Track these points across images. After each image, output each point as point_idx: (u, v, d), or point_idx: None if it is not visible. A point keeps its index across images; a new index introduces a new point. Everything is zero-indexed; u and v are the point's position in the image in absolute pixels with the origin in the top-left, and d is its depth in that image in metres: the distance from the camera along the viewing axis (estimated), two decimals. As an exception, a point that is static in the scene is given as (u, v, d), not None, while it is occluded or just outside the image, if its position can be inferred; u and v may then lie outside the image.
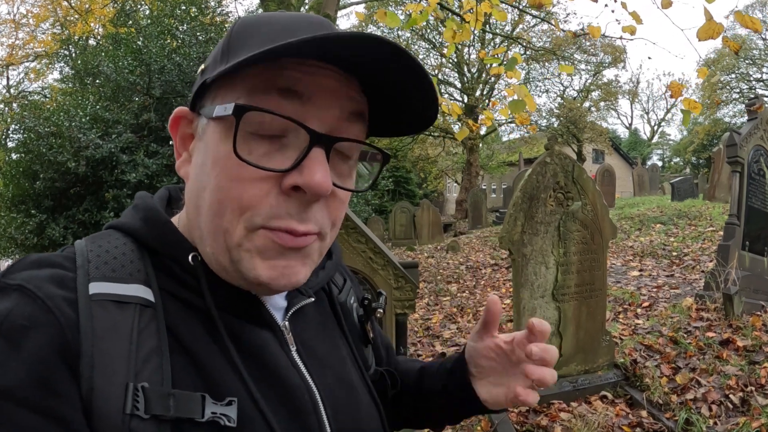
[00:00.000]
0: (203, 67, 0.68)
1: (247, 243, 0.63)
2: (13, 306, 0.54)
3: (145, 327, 0.60)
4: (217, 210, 0.62)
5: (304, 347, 0.76)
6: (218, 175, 0.62)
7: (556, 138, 4.41)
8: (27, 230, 8.00)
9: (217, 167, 0.62)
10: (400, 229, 17.02)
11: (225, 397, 0.61)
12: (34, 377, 0.52)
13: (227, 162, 0.61)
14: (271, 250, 0.63)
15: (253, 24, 0.66)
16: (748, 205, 5.33)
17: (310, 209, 0.63)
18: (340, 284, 0.94)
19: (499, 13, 4.52)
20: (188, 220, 0.70)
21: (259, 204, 0.61)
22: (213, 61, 0.67)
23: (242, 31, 0.65)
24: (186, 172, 0.69)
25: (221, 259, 0.65)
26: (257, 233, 0.62)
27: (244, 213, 0.61)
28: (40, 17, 20.75)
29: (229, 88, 0.63)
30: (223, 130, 0.62)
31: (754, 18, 3.20)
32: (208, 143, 0.64)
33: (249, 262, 0.63)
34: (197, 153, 0.67)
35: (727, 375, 3.94)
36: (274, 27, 0.64)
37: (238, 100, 0.61)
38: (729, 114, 37.97)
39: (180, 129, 0.70)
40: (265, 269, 0.64)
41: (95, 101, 8.85)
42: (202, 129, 0.66)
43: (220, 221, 0.63)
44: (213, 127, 0.64)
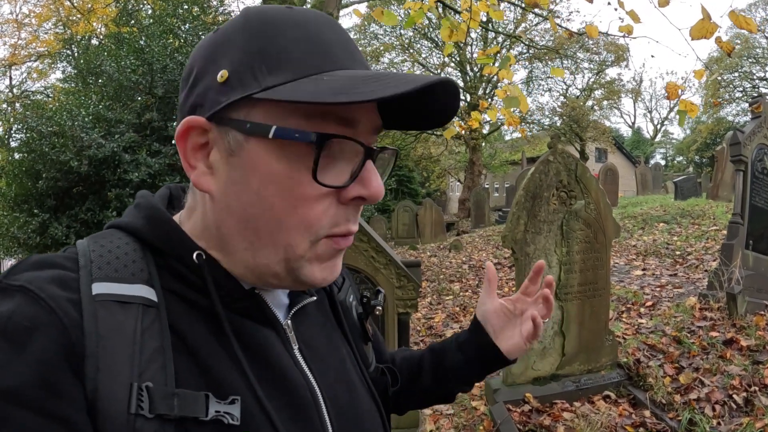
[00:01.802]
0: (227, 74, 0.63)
1: (310, 253, 0.67)
2: (16, 307, 0.54)
3: (148, 327, 0.60)
4: (277, 227, 0.64)
5: (306, 346, 0.77)
6: (275, 195, 0.63)
7: (559, 136, 4.40)
8: (30, 229, 8.02)
9: (274, 186, 0.63)
10: (402, 228, 17.00)
11: (228, 395, 0.62)
12: (38, 378, 0.52)
13: (287, 182, 0.62)
14: (329, 255, 0.69)
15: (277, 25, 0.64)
16: (751, 204, 5.31)
17: (359, 212, 0.70)
18: (339, 283, 0.96)
19: (495, 13, 4.52)
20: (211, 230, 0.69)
21: (323, 218, 0.65)
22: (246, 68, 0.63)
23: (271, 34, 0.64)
24: (210, 186, 0.66)
25: (277, 270, 0.67)
26: (320, 243, 0.67)
27: (310, 229, 0.65)
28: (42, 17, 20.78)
29: (277, 108, 0.62)
30: (278, 149, 0.62)
31: (749, 18, 3.17)
32: (252, 161, 0.63)
33: (308, 269, 0.68)
34: (228, 168, 0.65)
35: (731, 375, 3.92)
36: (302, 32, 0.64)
37: (295, 123, 0.62)
38: (732, 113, 37.91)
39: (190, 139, 0.67)
40: (321, 271, 0.69)
41: (98, 101, 8.88)
42: (237, 144, 0.63)
43: (284, 236, 0.65)
44: (260, 145, 0.62)
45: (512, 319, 1.04)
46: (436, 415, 4.06)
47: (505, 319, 1.04)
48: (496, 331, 1.04)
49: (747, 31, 3.24)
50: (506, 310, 1.05)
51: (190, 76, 0.68)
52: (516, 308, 1.04)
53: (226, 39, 0.66)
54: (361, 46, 26.23)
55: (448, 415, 4.04)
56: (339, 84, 0.59)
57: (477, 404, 4.15)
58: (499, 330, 1.04)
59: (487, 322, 1.05)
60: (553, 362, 4.09)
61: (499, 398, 3.90)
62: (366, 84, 0.59)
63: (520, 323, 1.03)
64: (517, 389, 3.97)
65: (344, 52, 0.66)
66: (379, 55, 26.55)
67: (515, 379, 4.01)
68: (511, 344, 1.03)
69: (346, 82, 0.59)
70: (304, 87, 0.59)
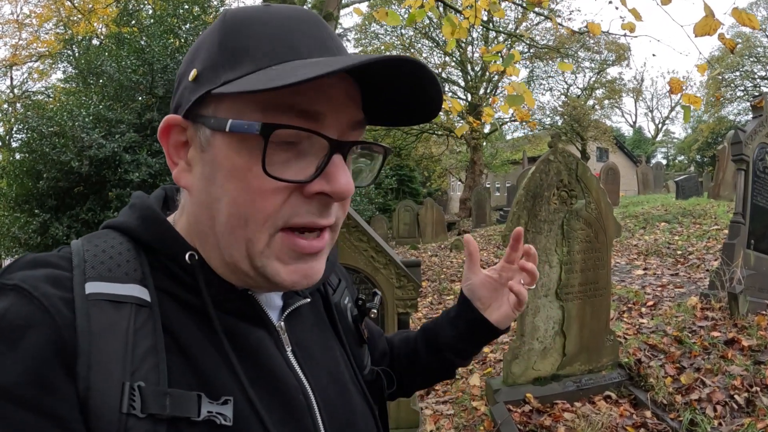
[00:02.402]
0: (197, 73, 0.65)
1: (269, 250, 0.65)
2: (10, 306, 0.55)
3: (141, 326, 0.60)
4: (238, 222, 0.64)
5: (300, 348, 0.76)
6: (236, 189, 0.63)
7: (560, 135, 4.39)
8: (30, 230, 8.03)
9: (235, 180, 0.63)
10: (403, 228, 17.00)
11: (221, 396, 0.62)
12: (31, 376, 0.52)
13: (247, 175, 0.62)
14: (290, 256, 0.66)
15: (247, 23, 0.65)
16: (753, 203, 5.30)
17: (331, 207, 0.67)
18: (334, 285, 0.96)
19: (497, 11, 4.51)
20: (194, 225, 0.69)
21: (280, 209, 0.63)
22: (211, 66, 0.64)
23: (238, 32, 0.64)
24: (188, 182, 0.68)
25: (243, 267, 0.66)
26: (275, 238, 0.65)
27: (267, 222, 0.63)
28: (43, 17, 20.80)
29: (236, 101, 0.62)
30: (237, 143, 0.62)
31: (752, 15, 3.15)
32: (217, 156, 0.64)
33: (272, 267, 0.65)
34: (201, 164, 0.66)
35: (732, 375, 3.91)
36: (271, 29, 0.64)
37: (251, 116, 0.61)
38: (733, 112, 37.83)
39: (171, 137, 0.69)
40: (288, 274, 0.66)
41: (98, 101, 8.88)
42: (206, 140, 0.65)
43: (243, 232, 0.64)
44: (222, 140, 0.63)
45: (499, 288, 1.04)
46: (437, 416, 4.05)
47: (492, 289, 1.04)
48: (485, 304, 1.04)
49: (750, 27, 3.22)
50: (492, 281, 1.04)
51: (177, 79, 0.71)
52: (502, 277, 1.04)
53: (203, 40, 0.68)
54: (362, 45, 26.26)
55: (449, 416, 4.04)
56: (278, 72, 0.59)
57: (477, 404, 4.14)
58: (488, 302, 1.04)
59: (475, 295, 1.05)
60: (554, 362, 4.08)
61: (500, 398, 3.89)
62: (304, 68, 0.57)
63: (507, 292, 1.03)
64: (518, 389, 3.97)
65: (315, 43, 0.65)
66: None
67: (516, 379, 4.01)
68: (500, 314, 1.03)
69: (289, 69, 0.59)
70: (251, 79, 0.59)
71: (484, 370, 4.90)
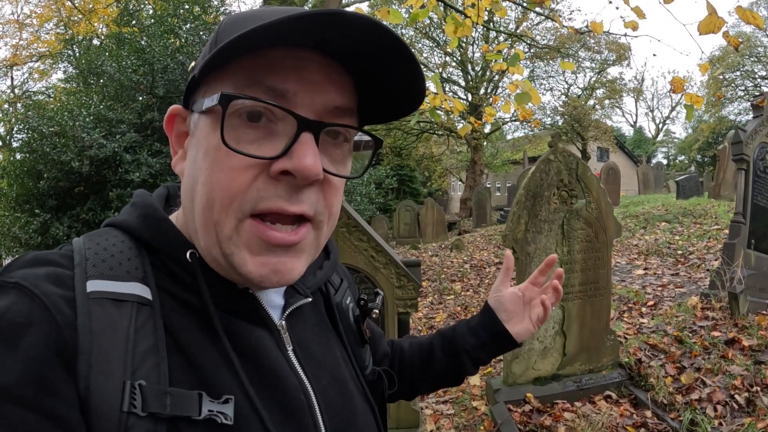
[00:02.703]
0: (193, 65, 0.68)
1: (236, 236, 0.63)
2: (11, 304, 0.55)
3: (142, 325, 0.60)
4: (206, 203, 0.63)
5: (301, 348, 0.76)
6: (209, 167, 0.63)
7: (560, 135, 4.39)
8: (31, 229, 8.04)
9: (208, 159, 0.63)
10: (404, 228, 17.00)
11: (221, 395, 0.62)
12: (31, 375, 0.52)
13: (217, 153, 0.62)
14: (258, 246, 0.64)
15: (240, 19, 0.65)
16: (753, 203, 5.30)
17: (302, 193, 0.63)
18: (336, 284, 0.95)
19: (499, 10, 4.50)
20: (185, 217, 0.70)
21: (247, 190, 0.61)
22: (202, 56, 0.66)
23: (229, 26, 0.65)
24: (181, 169, 0.69)
25: (214, 253, 0.65)
26: (244, 225, 0.63)
27: (232, 203, 0.62)
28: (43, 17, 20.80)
29: (217, 82, 0.64)
30: (212, 122, 0.63)
31: (756, 13, 3.15)
32: (199, 137, 0.65)
33: (239, 257, 0.63)
34: (191, 149, 0.68)
35: (733, 375, 3.91)
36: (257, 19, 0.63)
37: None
38: (734, 111, 37.81)
39: (175, 127, 0.71)
40: (255, 266, 0.64)
41: (99, 101, 8.88)
42: (194, 124, 0.67)
43: (211, 214, 0.63)
44: (203, 121, 0.65)
45: (521, 305, 1.11)
46: (437, 415, 4.05)
47: (517, 304, 1.11)
48: (508, 317, 1.10)
49: (754, 26, 3.21)
50: (518, 297, 1.11)
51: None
52: (525, 296, 1.11)
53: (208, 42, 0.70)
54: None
55: (449, 415, 4.04)
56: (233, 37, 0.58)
57: (478, 404, 4.14)
58: (511, 315, 1.10)
59: (501, 307, 1.11)
60: (554, 362, 4.08)
61: (500, 398, 3.89)
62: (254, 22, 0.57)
63: (528, 309, 1.11)
64: (518, 389, 3.96)
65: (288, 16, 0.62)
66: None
67: (516, 379, 4.01)
68: (520, 328, 1.09)
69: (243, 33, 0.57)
70: None
71: (484, 369, 4.90)
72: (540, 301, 1.10)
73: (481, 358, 1.11)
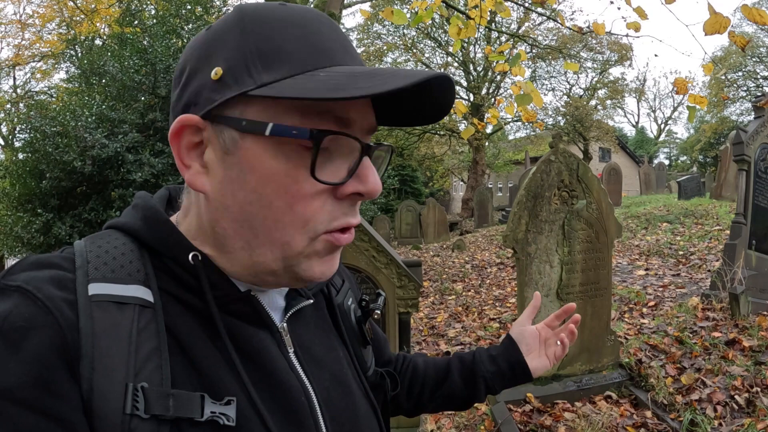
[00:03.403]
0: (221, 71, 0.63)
1: (308, 250, 0.66)
2: (13, 307, 0.55)
3: (144, 327, 0.60)
4: (275, 225, 0.64)
5: (302, 349, 0.76)
6: (273, 193, 0.63)
7: (561, 136, 4.39)
8: (33, 229, 8.05)
9: (271, 185, 0.63)
10: (406, 228, 17.02)
11: (223, 396, 0.62)
12: (34, 378, 0.52)
13: (284, 180, 0.63)
14: (328, 251, 0.69)
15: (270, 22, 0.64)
16: (754, 204, 5.30)
17: (356, 206, 0.69)
18: (338, 285, 0.95)
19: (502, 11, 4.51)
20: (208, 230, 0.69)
21: (320, 214, 0.65)
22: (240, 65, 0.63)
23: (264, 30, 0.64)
24: (204, 185, 0.66)
25: (274, 267, 0.67)
26: (319, 239, 0.66)
27: (306, 225, 0.65)
28: (46, 17, 20.77)
29: (271, 104, 0.62)
30: (273, 147, 0.62)
31: (762, 11, 3.12)
32: (248, 158, 0.63)
33: (306, 265, 0.67)
34: (224, 167, 0.64)
35: (733, 375, 3.91)
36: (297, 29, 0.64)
37: (288, 120, 0.62)
38: (736, 112, 37.70)
39: (184, 138, 0.66)
40: (319, 267, 0.69)
41: (101, 101, 8.89)
42: (232, 142, 0.63)
43: (281, 235, 0.65)
44: (255, 142, 0.62)
45: (539, 342, 1.17)
46: (437, 415, 4.06)
47: (536, 340, 1.17)
48: (528, 351, 1.16)
49: (761, 24, 3.20)
50: (537, 335, 1.17)
51: (182, 75, 0.67)
52: (541, 335, 1.18)
53: (220, 37, 0.65)
54: (364, 45, 26.22)
55: (449, 415, 4.04)
56: (336, 81, 0.59)
57: (478, 404, 4.15)
58: (531, 349, 1.16)
59: (523, 341, 1.16)
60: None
61: (501, 398, 3.90)
62: (363, 80, 0.59)
63: (544, 347, 1.17)
64: (519, 389, 3.97)
65: (341, 48, 0.66)
66: (382, 55, 26.52)
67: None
68: (537, 363, 1.16)
69: (343, 78, 0.59)
70: (301, 83, 0.59)
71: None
72: (558, 339, 1.17)
73: (496, 387, 1.14)
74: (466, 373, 1.13)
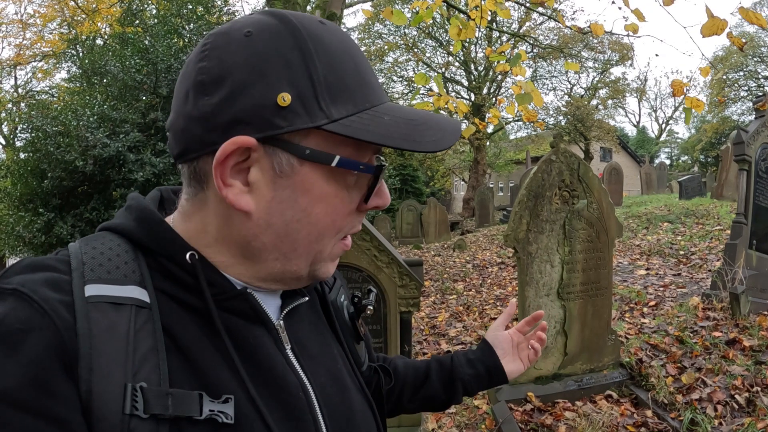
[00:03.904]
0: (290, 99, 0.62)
1: (329, 254, 0.75)
2: (9, 310, 0.55)
3: (141, 328, 0.60)
4: (316, 238, 0.71)
5: (299, 346, 0.77)
6: (322, 212, 0.69)
7: (562, 135, 4.40)
8: (35, 229, 8.05)
9: (322, 205, 0.69)
10: (407, 228, 17.01)
11: (222, 394, 0.62)
12: (32, 379, 0.52)
13: (333, 200, 0.69)
14: (338, 253, 0.77)
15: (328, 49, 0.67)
16: (755, 204, 5.30)
17: None
18: (330, 283, 0.97)
19: (503, 11, 4.51)
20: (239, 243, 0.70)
21: (348, 224, 0.74)
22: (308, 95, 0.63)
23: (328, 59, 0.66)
24: (250, 204, 0.66)
25: (302, 273, 0.74)
26: (337, 244, 0.75)
27: (337, 234, 0.73)
28: (47, 17, 20.80)
29: (331, 137, 0.66)
30: (328, 173, 0.67)
31: (759, 14, 3.16)
32: (303, 182, 0.66)
33: (325, 267, 0.75)
34: (273, 188, 0.66)
35: (733, 375, 3.92)
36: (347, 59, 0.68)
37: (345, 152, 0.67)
38: (737, 112, 37.60)
39: (233, 158, 0.64)
40: (332, 267, 0.77)
41: (102, 100, 8.90)
42: (289, 167, 0.65)
43: (318, 245, 0.72)
44: (313, 169, 0.67)
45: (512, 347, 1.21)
46: (438, 414, 4.07)
47: (510, 344, 1.20)
48: (503, 355, 1.19)
49: (758, 26, 3.22)
50: (510, 339, 1.21)
51: (222, 83, 0.63)
52: (513, 340, 1.22)
53: (277, 54, 0.63)
54: (365, 45, 26.22)
55: (450, 414, 4.05)
56: (401, 129, 0.67)
57: (479, 403, 4.15)
58: (506, 353, 1.19)
59: (498, 345, 1.19)
60: (556, 361, 4.09)
61: (501, 397, 3.90)
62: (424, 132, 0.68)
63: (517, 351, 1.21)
64: (519, 388, 3.98)
65: (377, 82, 0.73)
66: (384, 54, 26.52)
67: (517, 378, 4.01)
68: (512, 366, 1.19)
69: (404, 126, 0.67)
70: (369, 125, 0.65)
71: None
72: (530, 344, 1.21)
73: (473, 390, 1.17)
74: (445, 376, 1.16)
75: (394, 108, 0.70)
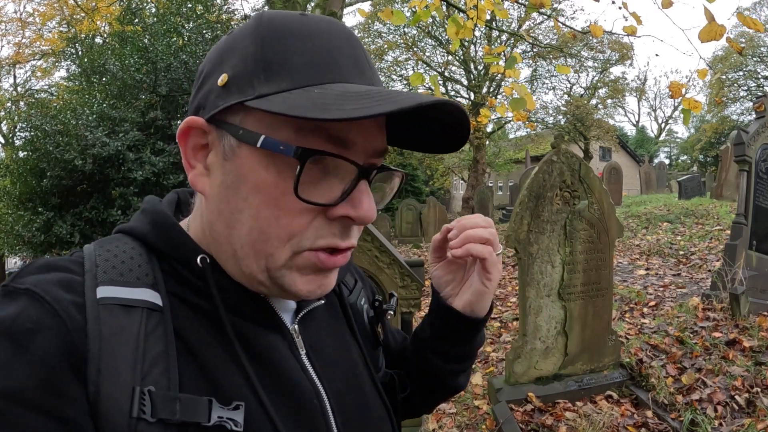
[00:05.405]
0: (227, 78, 0.63)
1: (290, 263, 0.65)
2: (21, 310, 0.55)
3: (152, 331, 0.60)
4: (259, 236, 0.64)
5: (314, 351, 0.76)
6: (262, 204, 0.63)
7: (563, 136, 4.41)
8: (34, 228, 8.04)
9: (260, 195, 0.62)
10: (406, 227, 17.00)
11: (232, 401, 0.61)
12: (41, 379, 0.52)
13: (273, 192, 0.62)
14: (310, 269, 0.67)
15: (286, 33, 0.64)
16: (755, 204, 5.30)
17: (352, 230, 0.68)
18: (350, 285, 0.94)
19: (500, 11, 4.52)
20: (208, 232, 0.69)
21: (306, 230, 0.64)
22: (244, 74, 0.63)
23: (277, 41, 0.63)
24: (204, 186, 0.67)
25: (260, 278, 0.66)
26: (300, 257, 0.65)
27: (291, 239, 0.64)
28: (46, 16, 20.76)
29: (268, 116, 0.61)
30: (266, 159, 0.62)
31: (755, 19, 3.20)
32: (242, 167, 0.63)
33: (289, 279, 0.66)
34: (222, 172, 0.65)
35: (733, 376, 3.92)
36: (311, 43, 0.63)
37: (282, 134, 0.61)
38: (737, 112, 37.60)
39: (191, 139, 0.67)
40: (304, 284, 0.67)
41: (102, 99, 8.90)
42: (230, 149, 0.63)
43: (264, 246, 0.64)
44: (250, 152, 0.62)
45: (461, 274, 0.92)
46: (439, 414, 4.07)
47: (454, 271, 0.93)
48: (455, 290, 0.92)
49: (755, 30, 3.25)
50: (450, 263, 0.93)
51: (200, 77, 0.69)
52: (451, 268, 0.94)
53: (234, 43, 0.66)
54: (365, 44, 26.18)
55: (451, 414, 4.05)
56: (324, 99, 0.57)
57: (479, 403, 4.16)
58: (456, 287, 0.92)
59: (441, 283, 0.93)
60: (556, 362, 4.09)
61: (502, 397, 3.90)
62: (352, 102, 0.57)
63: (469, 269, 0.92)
64: (520, 388, 3.98)
65: (352, 66, 0.65)
66: (383, 54, 26.50)
67: (518, 378, 4.02)
68: (467, 298, 0.89)
69: (331, 98, 0.58)
70: (292, 99, 0.59)
71: (486, 369, 4.92)
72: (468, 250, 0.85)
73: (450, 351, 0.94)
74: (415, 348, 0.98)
75: (344, 86, 0.61)
